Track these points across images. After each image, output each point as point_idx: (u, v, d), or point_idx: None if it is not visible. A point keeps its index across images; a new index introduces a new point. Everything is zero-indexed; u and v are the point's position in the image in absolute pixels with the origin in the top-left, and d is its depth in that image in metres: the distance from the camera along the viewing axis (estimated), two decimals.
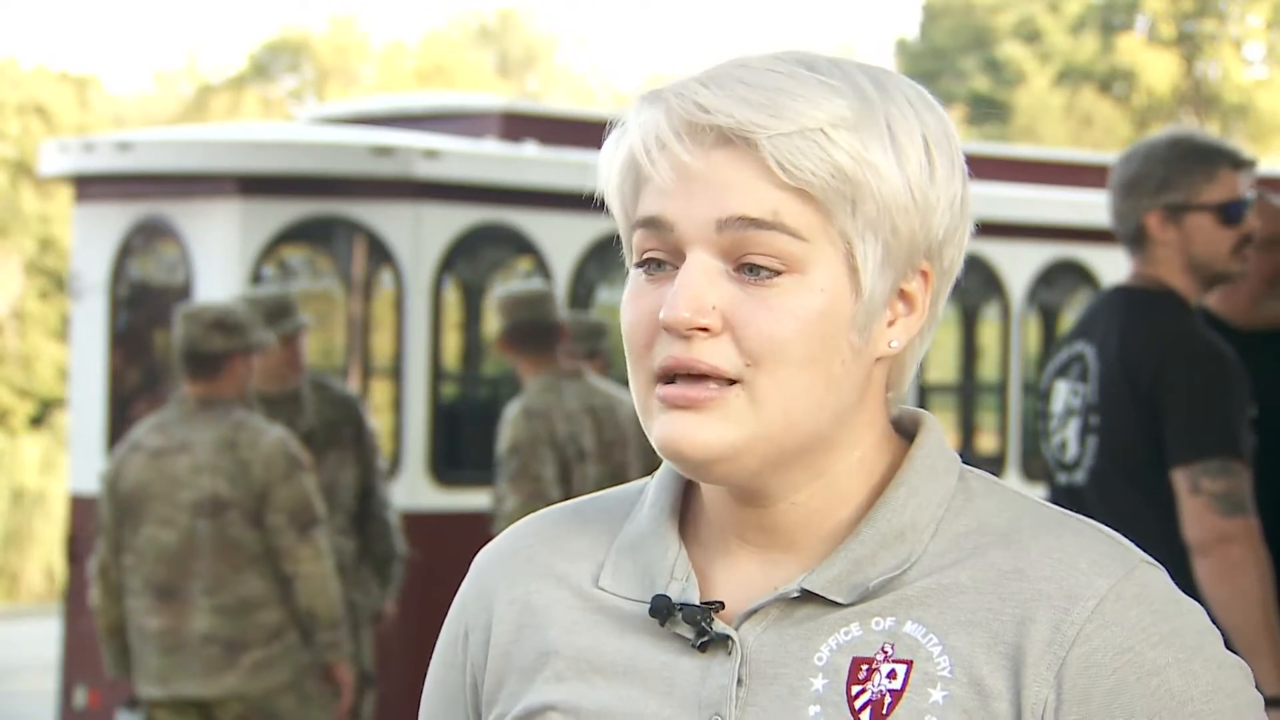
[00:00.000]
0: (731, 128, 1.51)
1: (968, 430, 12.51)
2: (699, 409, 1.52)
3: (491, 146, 10.54)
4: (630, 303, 1.56)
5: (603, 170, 1.59)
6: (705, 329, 1.51)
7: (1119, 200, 4.43)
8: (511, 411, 6.99)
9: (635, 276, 1.57)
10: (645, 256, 1.55)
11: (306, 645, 6.35)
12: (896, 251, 1.54)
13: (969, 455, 12.04)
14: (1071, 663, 1.51)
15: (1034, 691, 1.51)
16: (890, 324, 1.57)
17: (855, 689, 1.53)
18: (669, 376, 1.53)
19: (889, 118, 1.54)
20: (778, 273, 1.52)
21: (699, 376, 1.52)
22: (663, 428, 1.53)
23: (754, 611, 1.56)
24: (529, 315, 7.03)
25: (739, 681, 1.55)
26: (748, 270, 1.52)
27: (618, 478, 6.88)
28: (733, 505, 1.59)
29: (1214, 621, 1.59)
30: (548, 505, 7.93)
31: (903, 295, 1.57)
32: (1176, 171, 4.39)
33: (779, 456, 1.54)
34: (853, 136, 1.52)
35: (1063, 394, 4.51)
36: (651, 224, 1.54)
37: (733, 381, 1.52)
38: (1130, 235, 4.43)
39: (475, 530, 7.25)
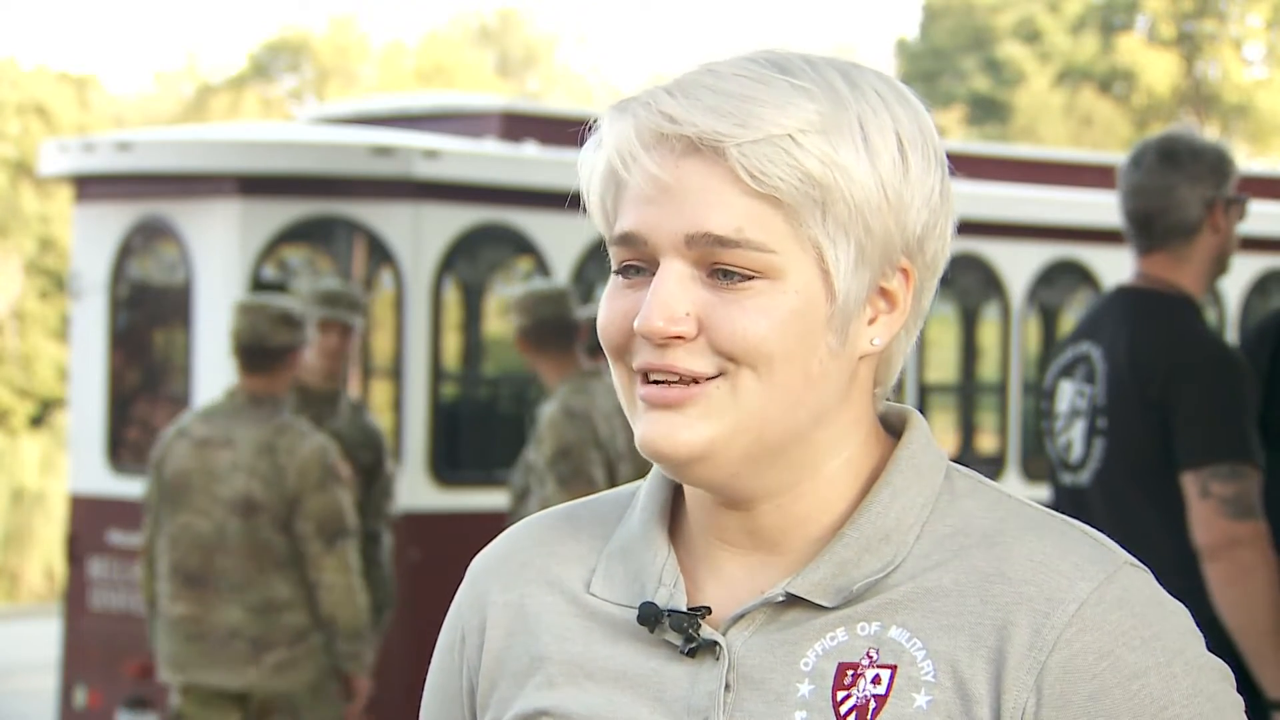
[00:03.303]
0: (698, 137, 1.51)
1: (968, 430, 12.50)
2: (678, 407, 1.53)
3: (491, 146, 10.53)
4: (606, 303, 1.57)
5: (583, 182, 1.59)
6: (680, 336, 1.52)
7: (1182, 188, 4.34)
8: (550, 413, 6.88)
9: (613, 279, 1.58)
10: (623, 264, 1.56)
11: (329, 650, 6.37)
12: (871, 251, 1.54)
13: (969, 455, 12.03)
14: (1051, 667, 1.51)
15: (1014, 696, 1.51)
16: (871, 322, 1.57)
17: (840, 694, 1.53)
18: (648, 374, 1.55)
19: (861, 117, 1.53)
20: (750, 277, 1.52)
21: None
22: (643, 429, 1.55)
23: (741, 616, 1.56)
24: (553, 312, 6.98)
25: (727, 687, 1.55)
26: (721, 275, 1.52)
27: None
28: (715, 509, 1.59)
29: (1222, 625, 1.60)
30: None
31: (884, 293, 1.57)
32: (1230, 164, 4.39)
33: (758, 453, 1.54)
34: (822, 140, 1.51)
35: (1068, 394, 4.50)
36: (626, 240, 1.55)
37: (713, 376, 1.53)
38: (1182, 224, 4.36)
39: (475, 530, 7.24)
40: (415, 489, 9.70)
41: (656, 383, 1.54)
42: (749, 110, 1.51)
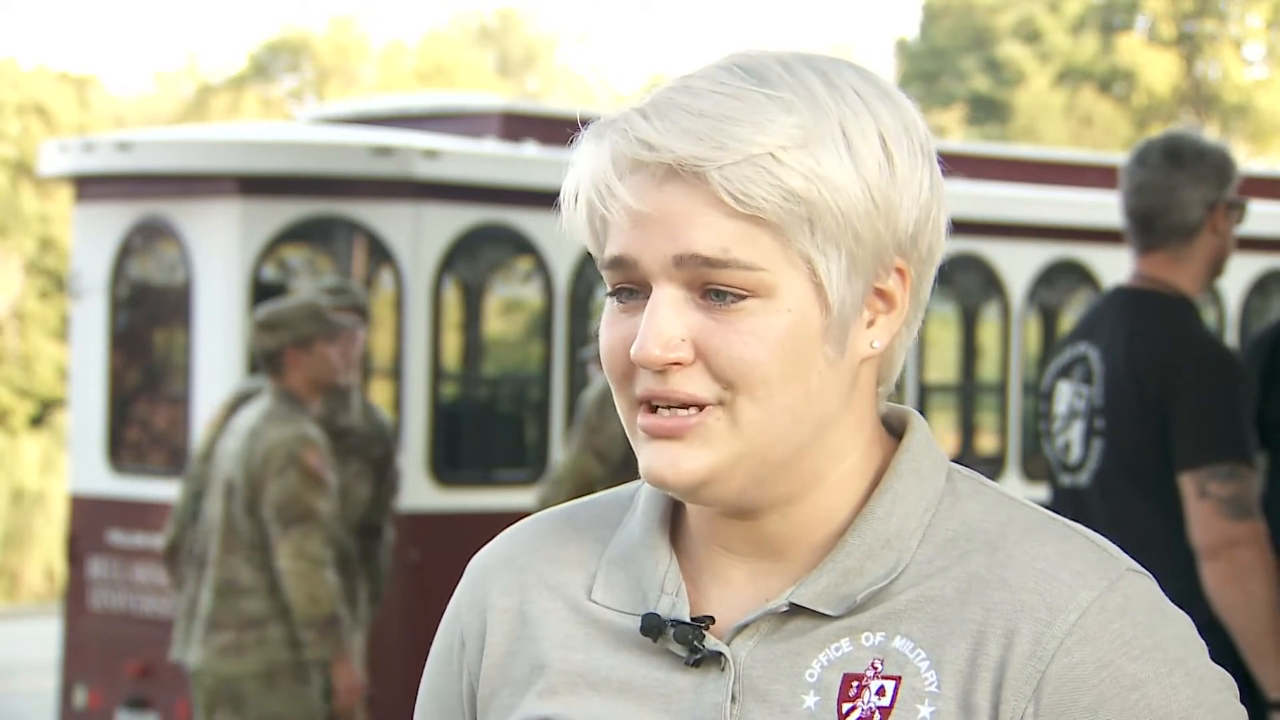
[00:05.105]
0: (678, 162, 1.49)
1: (968, 430, 12.50)
2: (680, 437, 1.51)
3: (491, 146, 10.53)
4: (605, 331, 1.55)
5: (568, 205, 1.57)
6: (678, 363, 1.50)
7: (1185, 189, 4.34)
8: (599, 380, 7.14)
9: (610, 304, 1.56)
10: (617, 287, 1.55)
11: (291, 643, 6.41)
12: (863, 258, 1.52)
13: (969, 455, 12.03)
14: (1051, 677, 1.50)
15: (1012, 705, 1.50)
16: (870, 325, 1.55)
17: (846, 706, 1.52)
18: (650, 403, 1.53)
19: (843, 122, 1.51)
20: (742, 297, 1.50)
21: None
22: (647, 459, 1.53)
23: (744, 626, 1.55)
24: None
25: (733, 699, 1.54)
26: (714, 296, 1.50)
27: None
28: (717, 518, 1.58)
29: (1220, 625, 1.59)
30: (596, 456, 8.34)
31: (880, 294, 1.55)
32: (1234, 167, 4.40)
33: (764, 473, 1.53)
34: (804, 154, 1.49)
35: (1066, 395, 4.50)
36: (617, 264, 1.53)
37: (713, 404, 1.51)
38: (1183, 224, 4.36)
39: (475, 530, 7.24)
40: (415, 489, 9.70)
41: (656, 410, 1.52)
42: (727, 131, 1.48)
